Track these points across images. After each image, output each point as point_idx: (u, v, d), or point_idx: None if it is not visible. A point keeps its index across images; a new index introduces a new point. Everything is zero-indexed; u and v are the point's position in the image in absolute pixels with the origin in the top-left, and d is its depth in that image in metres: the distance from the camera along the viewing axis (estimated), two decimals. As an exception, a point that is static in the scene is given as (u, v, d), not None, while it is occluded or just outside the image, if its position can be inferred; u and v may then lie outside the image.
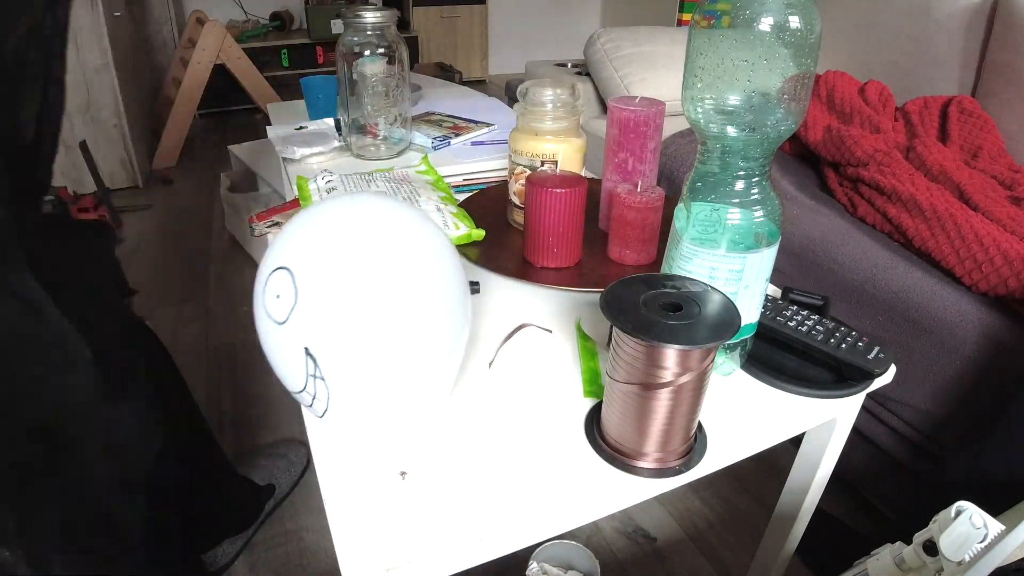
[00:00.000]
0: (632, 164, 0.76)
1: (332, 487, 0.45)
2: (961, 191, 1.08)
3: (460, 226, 0.76)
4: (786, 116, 0.45)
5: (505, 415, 0.52)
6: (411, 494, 0.44)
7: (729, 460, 0.50)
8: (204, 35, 2.65)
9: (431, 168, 0.97)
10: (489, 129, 1.19)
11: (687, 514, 1.09)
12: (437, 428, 0.50)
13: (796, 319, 0.59)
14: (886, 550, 0.57)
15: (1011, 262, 0.88)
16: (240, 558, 0.99)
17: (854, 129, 1.28)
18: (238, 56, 2.82)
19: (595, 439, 0.49)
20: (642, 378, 0.43)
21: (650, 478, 0.46)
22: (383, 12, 0.97)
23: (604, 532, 1.05)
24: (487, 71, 4.27)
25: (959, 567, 0.48)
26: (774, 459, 1.18)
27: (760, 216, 0.49)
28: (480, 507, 0.43)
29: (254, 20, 3.68)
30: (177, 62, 2.91)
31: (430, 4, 3.91)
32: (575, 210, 0.69)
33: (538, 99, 0.73)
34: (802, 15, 0.42)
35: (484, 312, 0.66)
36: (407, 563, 0.40)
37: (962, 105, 1.35)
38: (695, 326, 0.42)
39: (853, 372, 0.56)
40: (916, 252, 1.01)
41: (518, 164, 0.77)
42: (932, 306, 0.90)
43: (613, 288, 0.46)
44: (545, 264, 0.72)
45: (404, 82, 1.03)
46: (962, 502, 0.49)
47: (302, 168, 1.00)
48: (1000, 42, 1.37)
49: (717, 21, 0.43)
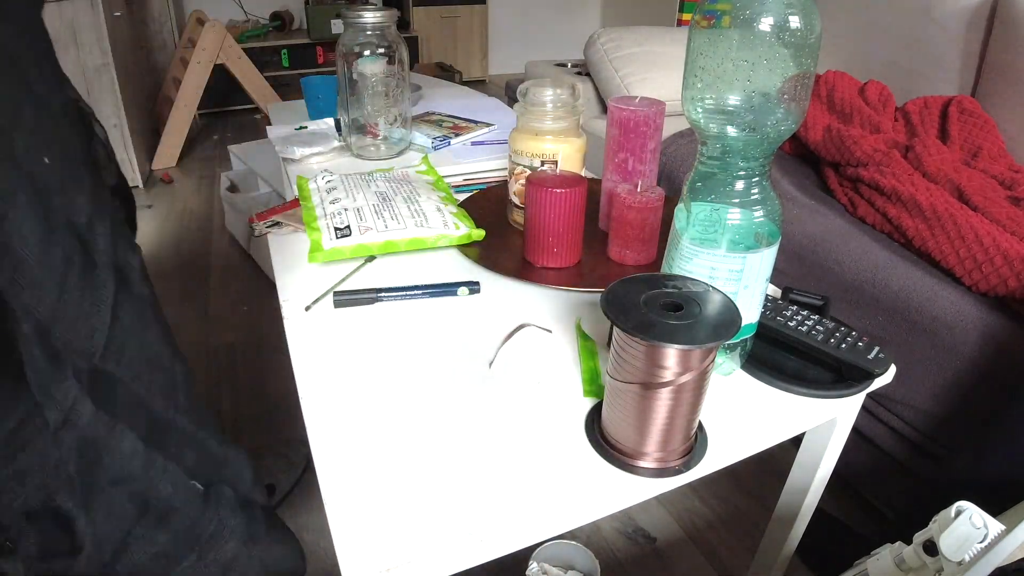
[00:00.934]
0: (632, 164, 0.76)
1: (332, 487, 0.45)
2: (961, 191, 1.08)
3: (460, 226, 0.76)
4: (786, 116, 0.45)
5: (505, 415, 0.52)
6: (411, 494, 0.44)
7: (729, 460, 0.50)
8: (204, 35, 2.65)
9: (431, 168, 0.97)
10: (489, 129, 1.19)
11: (687, 514, 1.09)
12: (437, 428, 0.50)
13: (796, 319, 0.59)
14: (886, 550, 0.57)
15: (1011, 262, 0.88)
16: (240, 558, 0.99)
17: (854, 129, 1.28)
18: (238, 56, 2.82)
19: (595, 439, 0.49)
20: (643, 378, 0.43)
21: (650, 478, 0.46)
22: (383, 12, 0.97)
23: (604, 532, 1.05)
24: (487, 71, 4.27)
25: (959, 567, 0.48)
26: (774, 459, 1.17)
27: (760, 216, 0.49)
28: (480, 507, 0.43)
29: (254, 20, 3.68)
30: (177, 62, 2.91)
31: (430, 4, 3.91)
32: (575, 210, 0.69)
33: (538, 99, 0.73)
34: (802, 15, 0.42)
35: (484, 312, 0.66)
36: (407, 563, 0.40)
37: (962, 105, 1.35)
38: (695, 326, 0.42)
39: (853, 372, 0.56)
40: (916, 252, 1.01)
41: (518, 164, 0.77)
42: (932, 306, 0.90)
43: (614, 288, 0.46)
44: (545, 264, 0.72)
45: (404, 82, 1.03)
46: (962, 502, 0.49)
47: (302, 168, 1.00)
48: (1000, 42, 1.37)
49: (717, 21, 0.43)
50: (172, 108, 2.68)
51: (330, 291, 0.68)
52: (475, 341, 0.61)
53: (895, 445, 0.97)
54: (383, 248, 0.74)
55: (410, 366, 0.57)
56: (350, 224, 0.75)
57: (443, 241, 0.75)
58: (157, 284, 0.78)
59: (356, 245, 0.73)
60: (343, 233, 0.73)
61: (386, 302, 0.67)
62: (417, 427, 0.50)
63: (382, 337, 0.61)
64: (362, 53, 0.98)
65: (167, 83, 2.98)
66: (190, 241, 2.08)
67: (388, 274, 0.72)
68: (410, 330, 0.63)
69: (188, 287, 1.79)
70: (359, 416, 0.51)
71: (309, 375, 0.56)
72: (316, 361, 0.58)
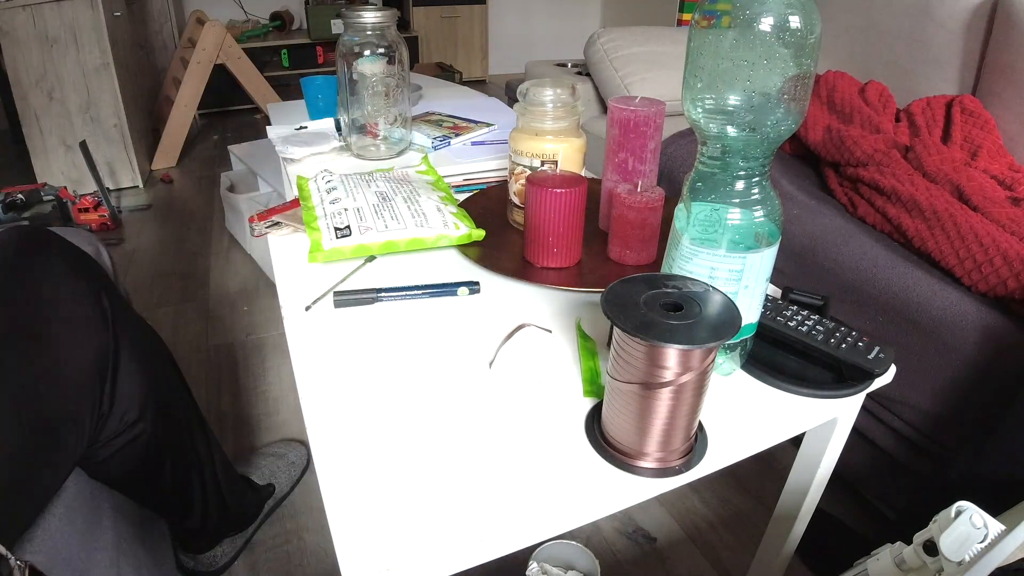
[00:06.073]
0: (632, 164, 0.76)
1: (332, 487, 0.45)
2: (960, 191, 1.08)
3: (460, 226, 0.76)
4: (786, 116, 0.45)
5: (505, 415, 0.52)
6: (411, 494, 0.44)
7: (729, 460, 0.50)
8: (204, 35, 2.65)
9: (431, 168, 0.97)
10: (489, 129, 1.19)
11: (687, 514, 1.09)
12: (437, 428, 0.50)
13: (796, 319, 0.59)
14: (886, 550, 0.57)
15: (1011, 263, 0.88)
16: (240, 558, 0.99)
17: (854, 129, 1.28)
18: (238, 56, 2.82)
19: (595, 439, 0.49)
20: (643, 378, 0.43)
21: (651, 478, 0.46)
22: (383, 12, 0.97)
23: (604, 532, 1.05)
24: (487, 71, 4.27)
25: (959, 567, 0.48)
26: (774, 459, 1.18)
27: (760, 216, 0.49)
28: (480, 507, 0.43)
29: (254, 20, 3.68)
30: (177, 62, 2.91)
31: (430, 4, 3.91)
32: (575, 210, 0.69)
33: (538, 99, 0.73)
34: (802, 15, 0.42)
35: (484, 312, 0.66)
36: (407, 563, 0.40)
37: (963, 104, 1.34)
38: (696, 326, 0.42)
39: (853, 372, 0.56)
40: (916, 252, 1.01)
41: (518, 164, 0.77)
42: (932, 306, 0.90)
43: (614, 288, 0.46)
44: (545, 264, 0.72)
45: (404, 82, 1.03)
46: (962, 502, 0.49)
47: (302, 168, 1.00)
48: (1000, 42, 1.37)
49: (717, 21, 0.43)
50: (172, 108, 2.68)
51: (330, 291, 0.68)
52: (475, 341, 0.61)
53: (895, 445, 0.97)
54: (383, 248, 0.74)
55: (410, 366, 0.57)
56: (350, 224, 0.75)
57: (443, 241, 0.75)
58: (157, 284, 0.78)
59: (356, 245, 0.73)
60: (343, 233, 0.73)
61: (386, 302, 0.67)
62: (417, 427, 0.50)
63: (382, 337, 0.61)
64: (362, 53, 0.98)
65: (167, 83, 2.98)
66: (190, 241, 2.08)
67: (388, 274, 0.72)
68: (410, 330, 0.63)
69: (188, 287, 1.79)
70: (359, 416, 0.51)
71: (309, 375, 0.56)
72: (316, 361, 0.58)
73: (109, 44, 2.24)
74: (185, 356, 1.47)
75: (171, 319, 1.64)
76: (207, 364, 1.46)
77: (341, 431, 0.50)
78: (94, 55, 2.24)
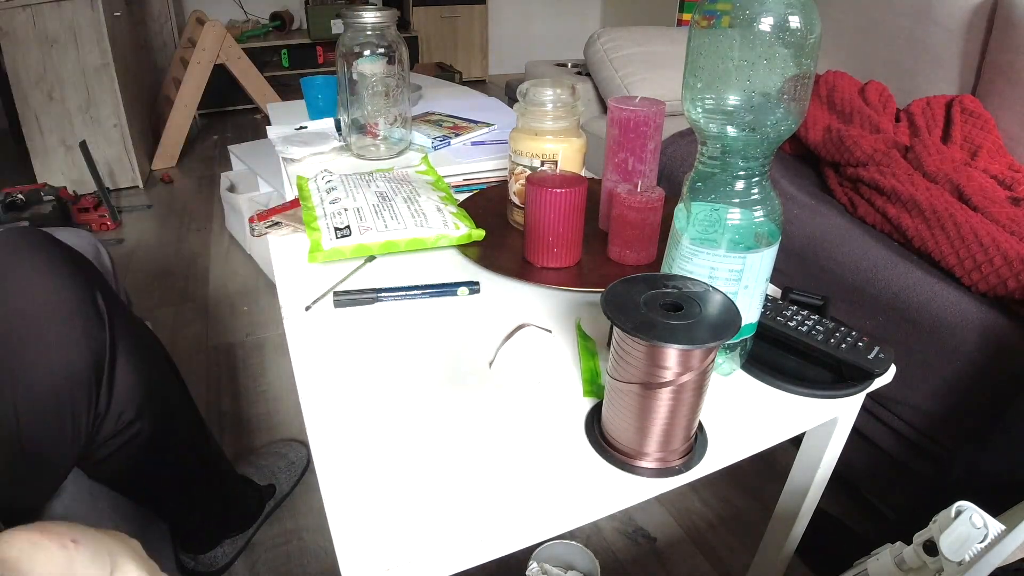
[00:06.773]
0: (632, 164, 0.76)
1: (332, 487, 0.45)
2: (960, 191, 1.08)
3: (460, 226, 0.76)
4: (786, 116, 0.45)
5: (505, 415, 0.52)
6: (411, 494, 0.44)
7: (729, 460, 0.50)
8: (204, 35, 2.65)
9: (431, 168, 0.97)
10: (489, 129, 1.19)
11: (687, 514, 1.09)
12: (437, 428, 0.50)
13: (796, 319, 0.59)
14: (886, 550, 0.57)
15: (1011, 263, 0.88)
16: (240, 558, 0.99)
17: (854, 129, 1.28)
18: (238, 56, 2.82)
19: (595, 439, 0.49)
20: (643, 378, 0.43)
21: (651, 478, 0.46)
22: (383, 12, 0.97)
23: (604, 532, 1.05)
24: (487, 71, 4.27)
25: (959, 567, 0.48)
26: (774, 459, 1.18)
27: (760, 216, 0.49)
28: (480, 507, 0.43)
29: (254, 20, 3.68)
30: (177, 62, 2.91)
31: (430, 4, 3.91)
32: (575, 210, 0.69)
33: (538, 99, 0.73)
34: (802, 15, 0.42)
35: (484, 312, 0.66)
36: (407, 563, 0.40)
37: (963, 104, 1.34)
38: (696, 326, 0.42)
39: (853, 372, 0.56)
40: (916, 252, 1.01)
41: (518, 164, 0.77)
42: (932, 306, 0.90)
43: (614, 288, 0.46)
44: (545, 264, 0.72)
45: (404, 82, 1.03)
46: (962, 502, 0.49)
47: (302, 168, 1.00)
48: (1000, 42, 1.37)
49: (717, 21, 0.43)
50: (172, 108, 2.68)
51: (330, 291, 0.68)
52: (475, 341, 0.61)
53: (895, 445, 0.97)
54: (383, 248, 0.74)
55: (410, 366, 0.57)
56: (350, 224, 0.75)
57: (443, 241, 0.75)
58: (157, 284, 0.78)
59: (356, 245, 0.73)
60: (343, 233, 0.73)
61: (386, 302, 0.67)
62: (417, 427, 0.50)
63: (382, 337, 0.61)
64: (362, 53, 0.98)
65: (167, 83, 2.98)
66: (190, 241, 2.08)
67: (388, 274, 0.72)
68: (410, 330, 0.63)
69: (188, 287, 1.79)
70: (359, 416, 0.51)
71: (309, 375, 0.56)
72: (316, 361, 0.58)
73: (109, 44, 2.24)
74: (185, 356, 1.47)
75: (171, 319, 1.63)
76: (207, 364, 1.46)
77: (341, 431, 0.50)
78: (94, 55, 2.24)
